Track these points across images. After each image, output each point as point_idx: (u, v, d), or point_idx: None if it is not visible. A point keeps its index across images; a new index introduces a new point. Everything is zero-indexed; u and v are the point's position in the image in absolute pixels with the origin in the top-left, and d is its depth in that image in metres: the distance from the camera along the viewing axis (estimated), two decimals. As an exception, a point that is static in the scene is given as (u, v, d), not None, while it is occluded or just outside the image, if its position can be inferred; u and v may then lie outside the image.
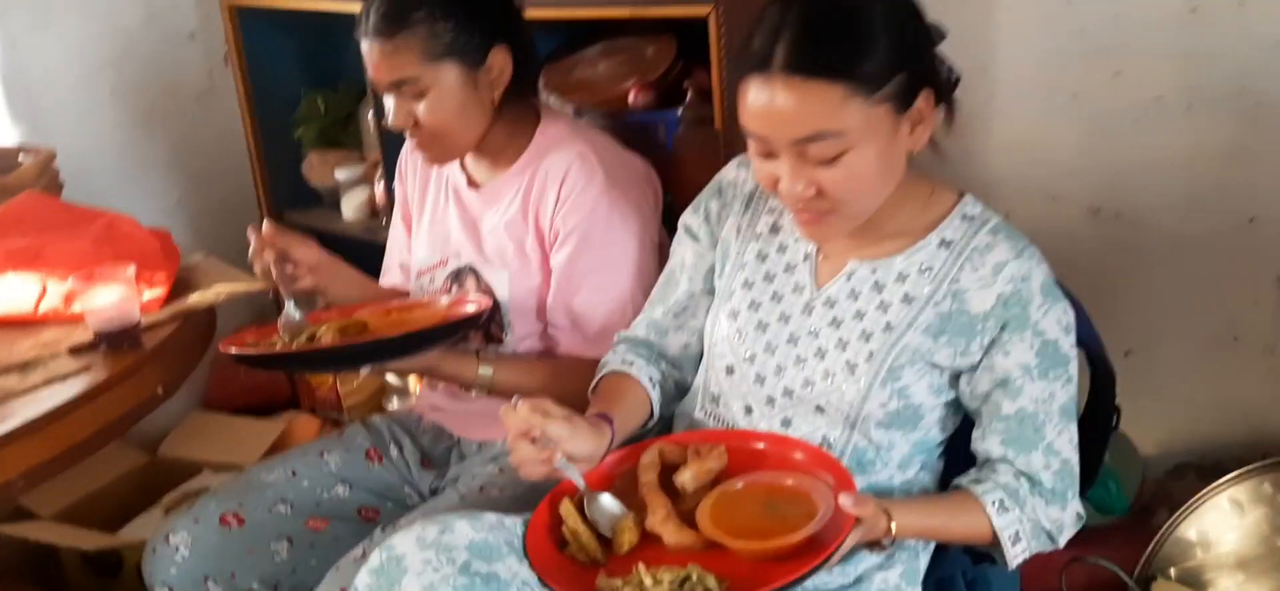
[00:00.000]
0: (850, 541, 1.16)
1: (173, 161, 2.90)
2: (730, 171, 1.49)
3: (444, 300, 1.68)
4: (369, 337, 1.56)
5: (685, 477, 1.28)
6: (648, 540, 1.24)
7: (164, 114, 2.85)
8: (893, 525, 1.20)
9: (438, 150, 1.66)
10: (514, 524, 1.28)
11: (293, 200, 2.83)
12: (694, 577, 1.15)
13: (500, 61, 1.62)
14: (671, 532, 1.22)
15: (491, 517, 1.26)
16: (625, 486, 1.32)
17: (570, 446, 1.25)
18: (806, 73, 1.16)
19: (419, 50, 1.56)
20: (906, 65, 1.20)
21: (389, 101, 1.62)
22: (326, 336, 1.51)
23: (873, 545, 1.24)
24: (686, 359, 1.51)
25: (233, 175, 2.90)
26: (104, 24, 2.70)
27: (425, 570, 1.15)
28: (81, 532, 2.31)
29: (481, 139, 1.66)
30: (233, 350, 1.51)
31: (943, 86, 1.27)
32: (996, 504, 1.26)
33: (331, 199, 2.77)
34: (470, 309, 1.61)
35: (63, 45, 2.64)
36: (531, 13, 1.73)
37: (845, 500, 1.15)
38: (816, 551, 1.15)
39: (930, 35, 1.26)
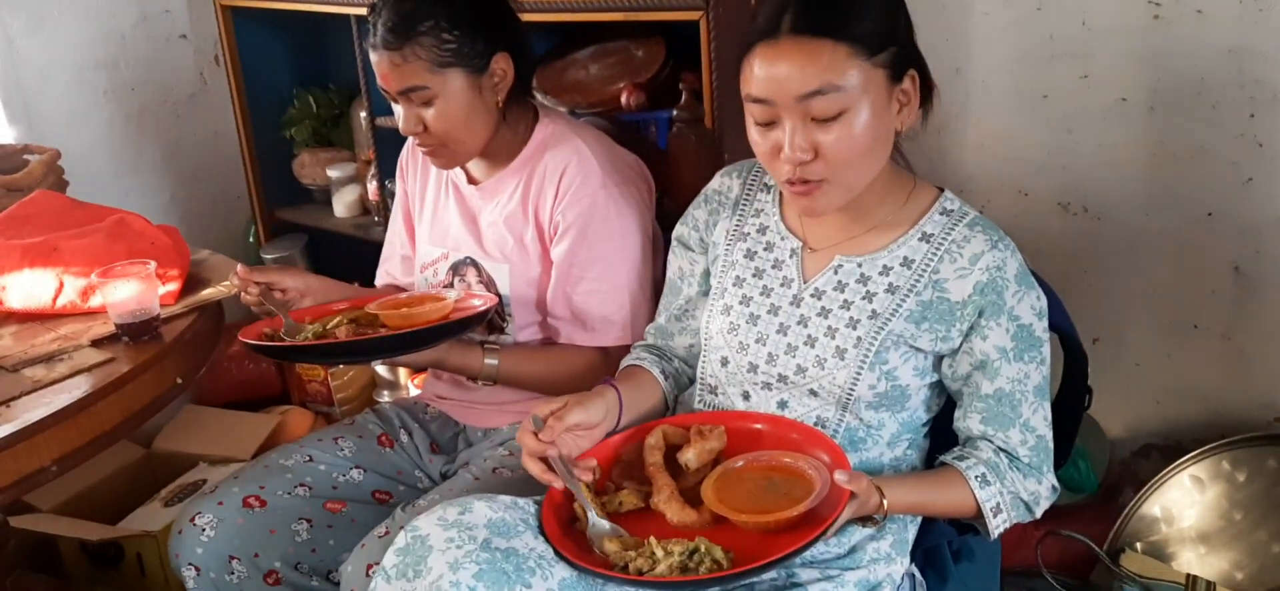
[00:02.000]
0: (846, 515, 1.24)
1: (166, 161, 2.94)
2: (716, 182, 1.57)
3: (450, 294, 1.73)
4: (382, 332, 1.62)
5: (688, 457, 1.36)
6: (655, 515, 1.32)
7: (157, 114, 2.90)
8: (885, 501, 1.29)
9: (446, 156, 1.72)
10: (527, 503, 1.36)
11: (284, 198, 2.87)
12: (702, 549, 1.22)
13: (503, 67, 1.68)
14: (675, 511, 1.30)
15: (506, 499, 1.33)
16: (631, 460, 1.41)
17: (585, 415, 1.37)
18: (813, 33, 1.26)
19: (426, 59, 1.62)
20: (898, 41, 1.31)
21: (398, 108, 1.68)
22: (341, 331, 1.57)
23: (866, 520, 1.33)
24: (693, 357, 1.59)
25: (225, 174, 2.95)
26: (98, 25, 2.74)
27: (449, 548, 1.22)
28: (84, 524, 2.35)
29: (488, 143, 1.72)
30: (252, 341, 1.57)
31: (927, 77, 1.37)
32: (978, 478, 1.36)
33: (323, 196, 2.82)
34: (478, 305, 1.67)
35: (57, 46, 2.68)
36: (525, 16, 1.80)
37: (840, 476, 1.23)
38: (815, 524, 1.22)
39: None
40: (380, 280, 2.01)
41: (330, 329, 1.63)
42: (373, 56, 1.65)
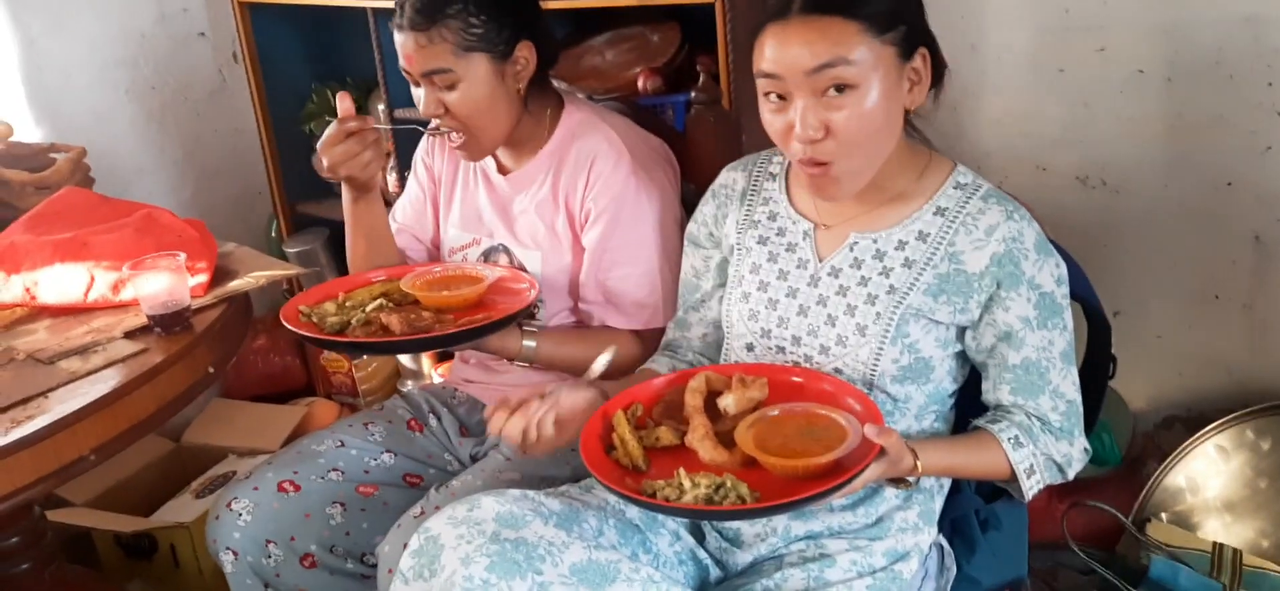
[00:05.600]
0: (873, 470, 1.24)
1: (188, 158, 2.96)
2: (722, 178, 1.59)
3: (489, 271, 1.73)
4: (422, 313, 1.62)
5: (727, 401, 1.38)
6: (688, 452, 1.34)
7: (177, 111, 2.92)
8: (919, 462, 1.30)
9: (472, 146, 1.73)
10: (536, 495, 1.38)
11: (306, 192, 2.89)
12: (728, 484, 1.25)
13: (526, 54, 1.69)
14: (707, 449, 1.32)
15: (515, 492, 1.36)
16: (673, 401, 1.43)
17: (568, 399, 1.42)
18: (822, 10, 1.28)
19: (453, 42, 1.63)
20: (907, 19, 1.32)
21: (419, 92, 1.69)
22: (393, 321, 1.57)
23: (898, 482, 1.33)
24: (708, 345, 1.62)
25: (246, 169, 2.97)
26: (117, 25, 2.76)
27: (459, 544, 1.26)
28: (118, 517, 2.39)
29: (512, 132, 1.74)
30: (307, 334, 1.59)
31: (937, 55, 1.38)
32: (1011, 440, 1.37)
33: (343, 190, 2.83)
34: (523, 288, 1.69)
35: (78, 46, 2.70)
36: (544, 3, 1.81)
37: (870, 430, 1.24)
38: (842, 474, 1.23)
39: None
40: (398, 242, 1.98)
41: (370, 311, 1.63)
42: (398, 38, 1.66)
